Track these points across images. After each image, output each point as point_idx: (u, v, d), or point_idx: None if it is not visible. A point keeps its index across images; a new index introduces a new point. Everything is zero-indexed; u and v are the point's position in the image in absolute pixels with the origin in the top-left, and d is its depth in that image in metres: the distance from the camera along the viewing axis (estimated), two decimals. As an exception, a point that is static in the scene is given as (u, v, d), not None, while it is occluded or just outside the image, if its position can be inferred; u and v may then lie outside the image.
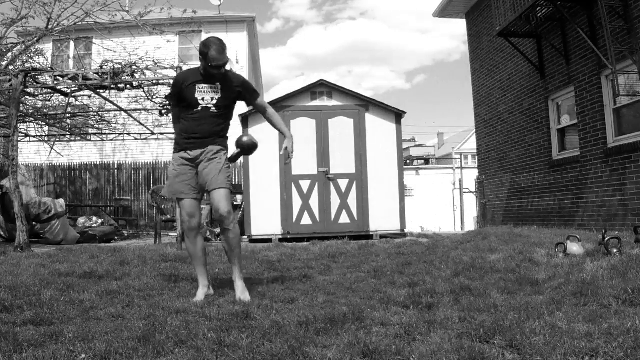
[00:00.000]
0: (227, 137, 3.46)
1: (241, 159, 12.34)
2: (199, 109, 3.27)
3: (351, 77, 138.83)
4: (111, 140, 14.11)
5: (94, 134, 13.35)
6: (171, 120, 4.15)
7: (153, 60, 8.11)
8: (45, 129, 13.26)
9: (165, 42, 10.45)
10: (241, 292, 3.20)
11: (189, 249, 3.34)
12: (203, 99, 3.27)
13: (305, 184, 8.50)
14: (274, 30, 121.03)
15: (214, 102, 3.29)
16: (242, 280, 3.28)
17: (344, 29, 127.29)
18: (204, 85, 3.28)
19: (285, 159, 3.56)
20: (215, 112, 3.31)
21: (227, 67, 3.35)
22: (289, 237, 8.32)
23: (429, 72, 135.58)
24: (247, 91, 3.46)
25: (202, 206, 13.05)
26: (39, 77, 7.92)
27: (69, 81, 7.78)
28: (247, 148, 3.56)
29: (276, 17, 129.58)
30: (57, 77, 7.76)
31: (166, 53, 11.51)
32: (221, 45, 3.18)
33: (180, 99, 3.33)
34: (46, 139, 13.39)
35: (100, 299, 3.14)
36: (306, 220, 8.47)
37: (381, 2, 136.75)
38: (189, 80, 3.29)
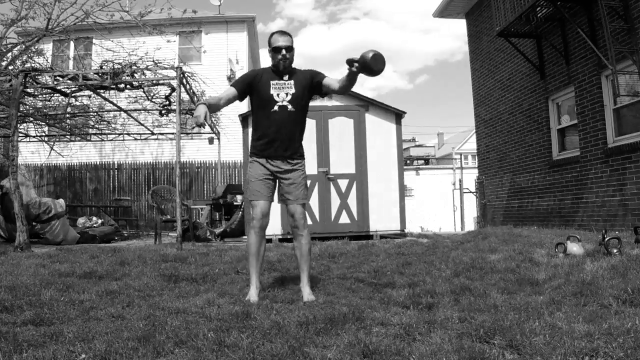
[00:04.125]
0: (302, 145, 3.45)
1: (240, 159, 12.34)
2: (276, 108, 3.28)
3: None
4: (111, 140, 14.12)
5: (94, 134, 13.35)
6: (171, 120, 4.15)
7: (153, 60, 8.11)
8: (45, 129, 13.26)
9: (165, 42, 10.44)
10: (308, 296, 3.19)
11: (252, 246, 3.33)
12: (278, 95, 3.29)
13: (305, 184, 8.49)
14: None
15: (289, 98, 3.30)
16: (309, 286, 3.29)
17: (347, 29, 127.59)
18: (277, 81, 3.32)
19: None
20: (293, 110, 3.31)
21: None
22: (289, 237, 8.30)
23: (431, 73, 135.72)
24: (315, 75, 3.40)
25: (203, 206, 13.00)
26: (39, 77, 7.91)
27: (69, 81, 7.78)
28: (370, 64, 2.88)
29: (280, 17, 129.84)
30: (57, 77, 7.76)
31: (166, 53, 11.49)
32: (282, 30, 3.34)
33: (253, 92, 3.35)
34: (46, 139, 13.39)
35: (100, 299, 3.14)
36: (306, 220, 8.45)
37: (384, 2, 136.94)
38: (264, 75, 3.34)
